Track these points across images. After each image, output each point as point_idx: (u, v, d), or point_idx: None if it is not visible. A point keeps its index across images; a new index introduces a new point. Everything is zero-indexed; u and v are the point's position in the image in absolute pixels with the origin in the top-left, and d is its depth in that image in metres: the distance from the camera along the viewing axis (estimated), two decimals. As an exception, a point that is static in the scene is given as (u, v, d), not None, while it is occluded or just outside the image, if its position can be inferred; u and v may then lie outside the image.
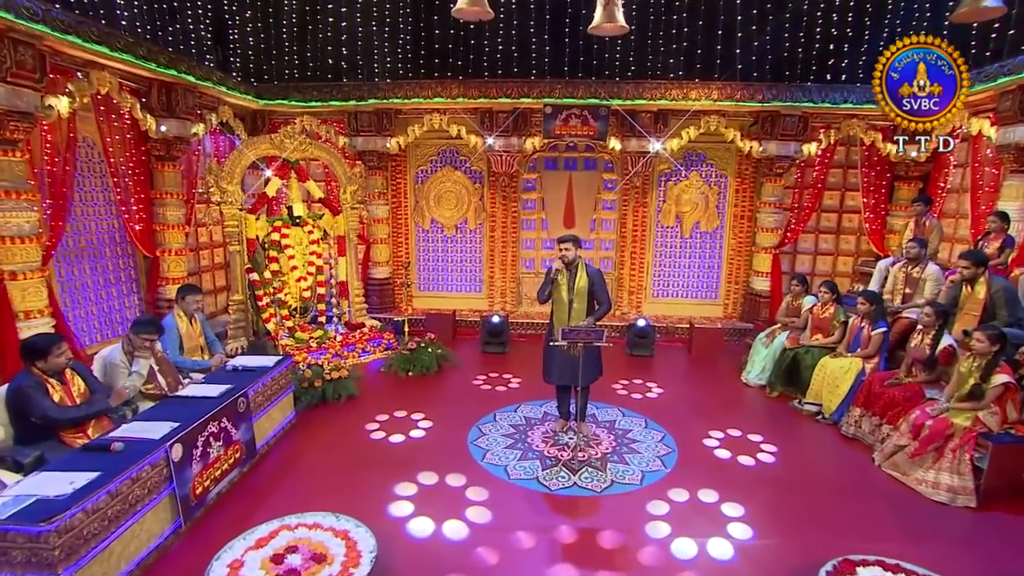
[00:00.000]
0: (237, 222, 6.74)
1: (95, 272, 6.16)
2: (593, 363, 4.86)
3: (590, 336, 4.34)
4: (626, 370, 7.07)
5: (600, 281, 4.81)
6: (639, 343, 7.74)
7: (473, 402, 5.91)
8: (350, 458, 4.72)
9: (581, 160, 8.75)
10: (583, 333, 4.34)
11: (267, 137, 6.98)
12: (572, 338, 4.38)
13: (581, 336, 4.33)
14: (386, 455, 4.78)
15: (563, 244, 4.69)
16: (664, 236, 8.93)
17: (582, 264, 4.82)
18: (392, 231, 9.06)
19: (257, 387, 4.65)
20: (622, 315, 8.93)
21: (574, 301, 4.74)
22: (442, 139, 8.67)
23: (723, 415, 5.68)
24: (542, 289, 4.82)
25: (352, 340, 7.46)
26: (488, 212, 8.91)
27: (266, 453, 4.74)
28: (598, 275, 4.84)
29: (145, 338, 4.13)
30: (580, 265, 4.79)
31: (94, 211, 6.16)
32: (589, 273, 4.79)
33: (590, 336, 4.34)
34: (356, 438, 5.08)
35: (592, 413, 5.62)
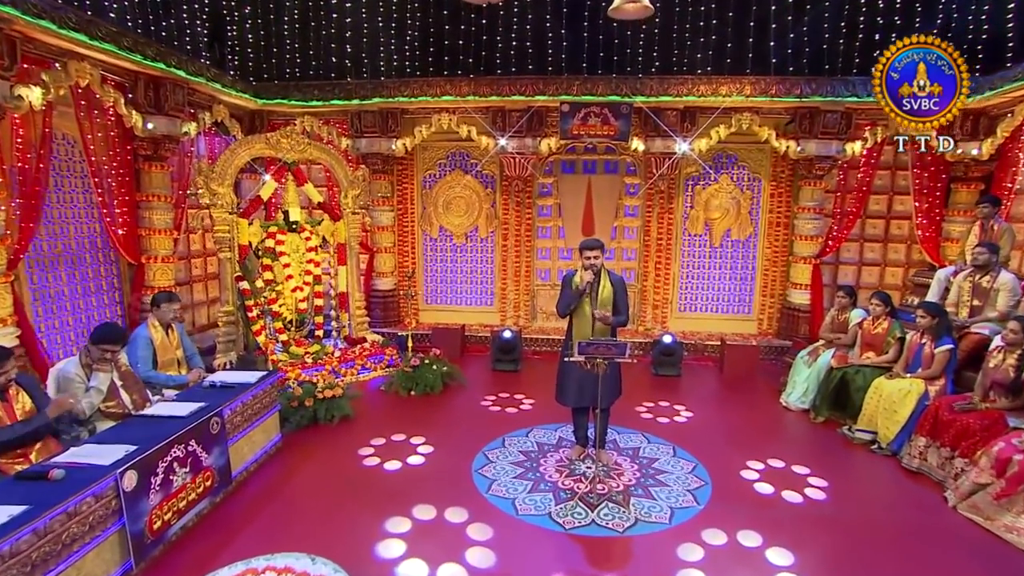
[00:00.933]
0: (228, 227, 6.45)
1: (72, 279, 5.88)
2: (613, 381, 4.47)
3: (611, 351, 3.89)
4: (651, 391, 6.62)
5: (622, 289, 4.46)
6: (665, 362, 7.27)
7: (480, 425, 5.52)
8: (338, 487, 4.34)
9: (601, 163, 8.39)
10: (603, 347, 3.90)
11: (262, 136, 6.72)
12: (591, 353, 3.94)
13: (601, 351, 3.89)
14: (379, 484, 4.40)
15: (591, 252, 4.32)
16: (692, 245, 8.49)
17: (604, 272, 4.45)
18: (397, 239, 8.75)
19: (235, 406, 4.29)
20: (646, 331, 8.47)
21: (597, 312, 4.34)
22: (451, 141, 8.38)
23: (762, 443, 5.17)
24: (563, 302, 4.44)
25: (351, 356, 7.11)
26: (500, 219, 8.56)
27: (244, 480, 4.37)
28: (621, 283, 4.48)
29: (105, 349, 3.78)
30: (603, 273, 4.44)
31: (73, 213, 5.90)
32: (612, 281, 4.43)
33: (611, 351, 3.89)
34: (347, 464, 4.72)
35: (613, 439, 5.18)
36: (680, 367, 7.29)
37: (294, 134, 6.90)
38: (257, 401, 4.62)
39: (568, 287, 4.48)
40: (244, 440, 4.42)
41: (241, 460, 4.36)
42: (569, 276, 4.54)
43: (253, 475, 4.47)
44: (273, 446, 4.86)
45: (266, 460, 4.70)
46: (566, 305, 4.45)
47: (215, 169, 6.33)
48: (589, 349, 3.90)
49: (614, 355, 3.91)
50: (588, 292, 4.35)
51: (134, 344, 4.53)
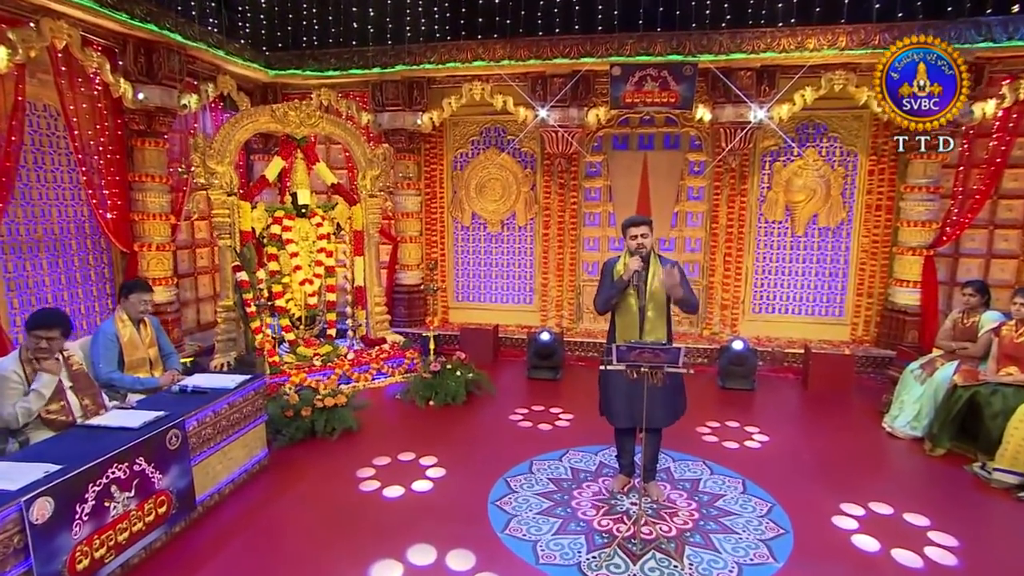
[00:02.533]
0: (228, 211, 6.08)
1: (55, 268, 5.65)
2: (672, 396, 3.82)
3: (659, 357, 3.19)
4: (717, 408, 5.88)
5: (679, 272, 3.81)
6: (735, 373, 6.46)
7: (505, 445, 4.96)
8: (326, 517, 3.87)
9: (660, 137, 7.67)
10: (649, 353, 3.20)
11: (267, 108, 6.33)
12: (633, 360, 3.26)
13: (646, 357, 3.20)
14: (374, 515, 3.90)
15: (637, 229, 3.75)
16: (769, 234, 7.65)
17: (655, 257, 3.82)
18: (424, 227, 8.30)
19: (204, 416, 3.84)
20: (712, 336, 7.66)
21: (647, 308, 3.74)
22: (485, 114, 7.88)
23: (861, 479, 4.35)
24: (603, 295, 3.86)
25: (366, 359, 6.65)
26: (541, 204, 7.98)
27: (214, 506, 3.93)
28: (675, 265, 3.84)
29: (39, 336, 3.37)
30: (653, 258, 3.81)
31: (56, 194, 5.67)
32: (664, 267, 3.78)
33: (659, 357, 3.19)
34: (341, 488, 4.25)
35: (666, 467, 4.49)
36: (753, 379, 6.48)
37: (303, 106, 6.48)
38: (235, 410, 4.17)
39: (609, 277, 3.86)
40: (217, 457, 3.98)
41: (212, 481, 3.92)
42: (611, 264, 3.92)
43: (227, 499, 4.04)
44: (256, 463, 4.42)
45: (246, 480, 4.27)
46: (606, 300, 3.85)
47: (213, 145, 5.97)
48: (630, 355, 3.22)
49: (662, 363, 3.21)
50: (635, 282, 3.68)
51: (95, 341, 4.17)
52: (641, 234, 3.73)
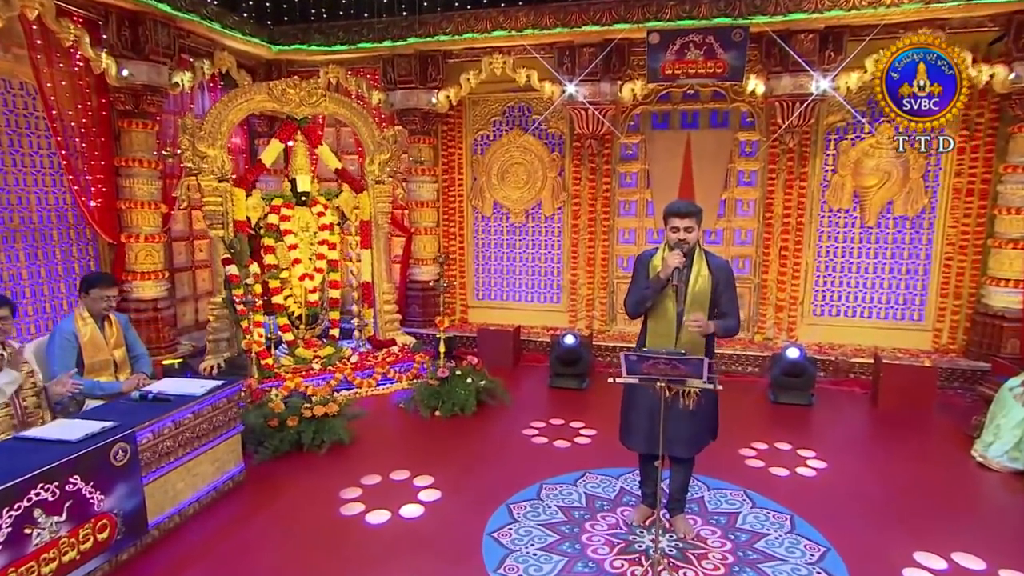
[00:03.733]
0: (220, 199, 5.88)
1: (34, 260, 5.56)
2: (701, 420, 3.41)
3: (679, 370, 2.75)
4: (766, 426, 5.38)
5: (728, 279, 3.40)
6: (789, 385, 5.92)
7: (513, 464, 4.62)
8: (296, 545, 3.59)
9: (705, 114, 7.20)
10: (666, 364, 2.77)
11: (264, 86, 6.13)
12: (647, 373, 2.83)
13: (662, 369, 2.77)
14: (352, 545, 3.60)
15: (681, 221, 3.30)
16: (834, 224, 7.09)
17: (700, 252, 3.38)
18: (442, 218, 8.01)
19: (161, 427, 3.59)
20: (765, 341, 7.11)
21: (687, 314, 3.32)
22: (507, 91, 7.59)
23: (943, 523, 3.80)
24: (635, 295, 3.44)
25: (371, 363, 6.40)
26: (570, 192, 7.61)
27: (173, 529, 3.69)
28: (725, 270, 3.41)
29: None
30: (698, 254, 3.37)
31: (35, 180, 5.59)
32: (712, 267, 3.36)
33: (679, 370, 2.75)
34: (321, 511, 3.97)
35: (699, 496, 4.05)
36: (811, 393, 5.93)
37: (304, 84, 6.25)
38: (202, 420, 3.92)
39: (643, 273, 3.44)
40: (178, 473, 3.73)
41: (171, 501, 3.68)
42: (646, 257, 3.49)
43: (189, 521, 3.79)
44: (229, 480, 4.18)
45: (215, 500, 4.02)
46: (637, 302, 3.43)
47: (203, 126, 5.79)
48: (642, 366, 2.78)
49: (682, 376, 2.76)
50: (675, 282, 3.25)
51: (52, 340, 3.99)
52: (685, 227, 3.28)
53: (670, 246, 3.32)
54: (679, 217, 3.28)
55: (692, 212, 3.30)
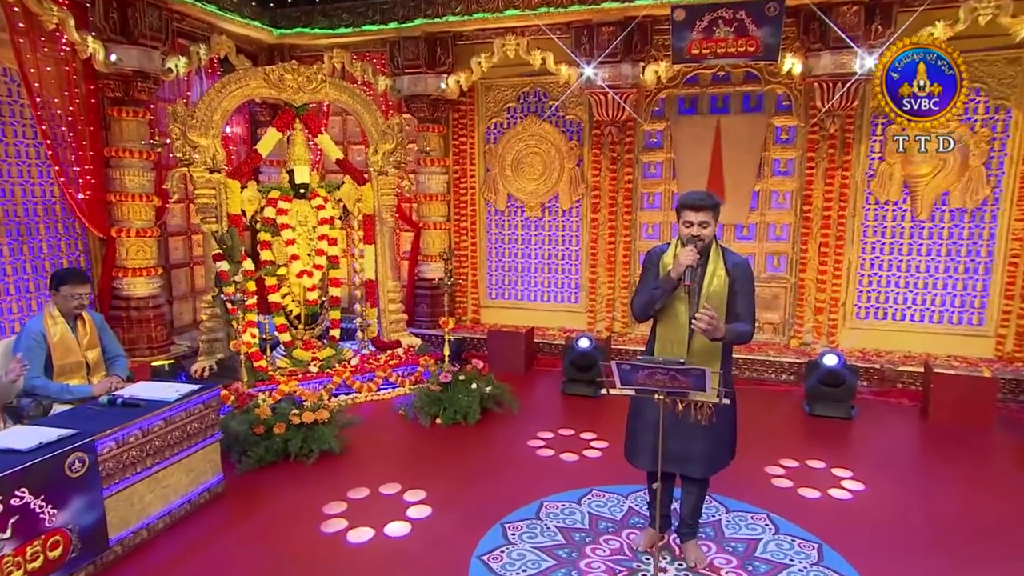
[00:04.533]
0: (213, 191, 5.79)
1: (18, 255, 5.55)
2: (718, 437, 3.19)
3: (677, 381, 2.51)
4: (798, 441, 5.13)
5: (746, 280, 3.15)
6: (826, 395, 5.62)
7: (514, 478, 4.46)
8: (270, 565, 3.45)
9: (737, 97, 6.91)
10: (663, 375, 2.53)
11: (259, 71, 6.02)
12: (643, 384, 2.60)
13: (658, 380, 2.53)
14: (329, 565, 3.47)
15: (695, 215, 3.07)
16: (881, 218, 6.74)
17: (716, 249, 3.15)
18: (453, 212, 7.87)
19: (128, 434, 3.47)
20: (802, 347, 6.79)
21: None
22: (522, 76, 7.43)
23: (1005, 560, 3.49)
24: (642, 296, 3.21)
25: (372, 366, 6.25)
26: (589, 183, 7.41)
27: (139, 545, 3.57)
28: (744, 269, 3.17)
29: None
30: (714, 251, 3.14)
31: (21, 171, 5.58)
32: (728, 266, 3.13)
33: (677, 381, 2.51)
34: (300, 527, 3.83)
35: (715, 519, 3.82)
36: (851, 405, 5.62)
37: (302, 69, 6.13)
38: (174, 427, 3.80)
39: (653, 271, 3.22)
40: (146, 484, 3.62)
41: (137, 515, 3.56)
42: (656, 254, 3.27)
43: (159, 536, 3.68)
44: (205, 492, 4.06)
45: (188, 513, 3.91)
46: (645, 304, 3.18)
47: (195, 114, 5.69)
48: (638, 376, 2.55)
49: (682, 389, 2.52)
50: (687, 282, 3.01)
51: (18, 341, 3.90)
52: (700, 221, 3.04)
53: (683, 242, 3.09)
54: (693, 210, 3.04)
55: (708, 205, 3.05)
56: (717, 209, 3.07)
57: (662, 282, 3.09)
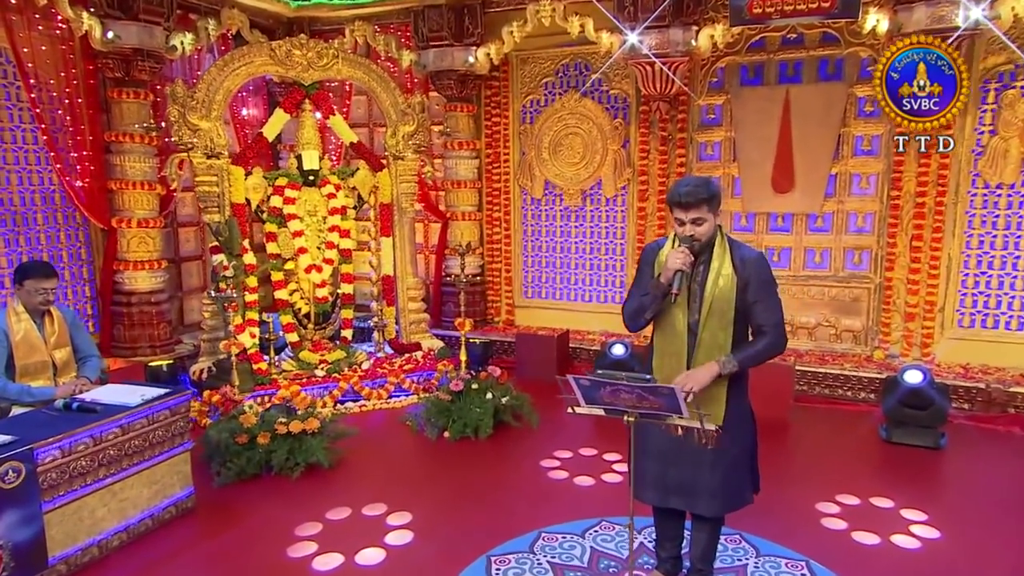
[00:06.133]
0: (215, 178, 5.83)
1: (14, 247, 5.73)
2: (732, 468, 2.91)
3: (646, 401, 2.24)
4: (863, 473, 4.72)
5: (762, 279, 2.86)
6: (909, 419, 5.17)
7: (516, 503, 4.33)
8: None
9: (811, 63, 6.49)
10: (627, 391, 2.27)
11: (266, 47, 6.03)
12: (609, 404, 2.35)
13: (623, 398, 2.28)
14: None
15: (686, 211, 2.81)
16: (991, 205, 6.19)
17: (722, 242, 2.88)
18: (484, 201, 7.74)
19: (76, 441, 3.47)
20: (887, 359, 6.30)
21: (702, 327, 2.85)
22: (561, 46, 7.21)
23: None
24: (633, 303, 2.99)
25: (385, 371, 6.16)
26: (636, 168, 7.14)
27: (88, 564, 3.57)
28: (757, 265, 2.87)
29: None
30: (719, 245, 2.87)
31: (18, 158, 5.75)
32: (736, 262, 2.85)
33: (646, 401, 2.24)
34: (268, 549, 3.78)
35: (742, 563, 3.50)
36: (941, 432, 5.13)
37: (312, 43, 6.11)
38: (134, 435, 3.80)
39: (647, 272, 2.99)
40: (98, 497, 3.62)
41: (87, 531, 3.57)
42: (650, 251, 3.05)
43: (112, 554, 3.68)
44: (171, 506, 4.06)
45: (149, 530, 3.91)
46: (634, 311, 2.97)
47: (195, 95, 5.74)
48: (600, 394, 2.29)
49: (653, 411, 2.24)
50: (675, 290, 2.74)
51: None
52: (692, 219, 2.77)
53: (679, 240, 2.81)
54: (683, 208, 2.76)
55: (700, 199, 2.74)
56: (714, 200, 2.76)
57: (651, 288, 2.83)
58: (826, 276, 6.67)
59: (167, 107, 6.00)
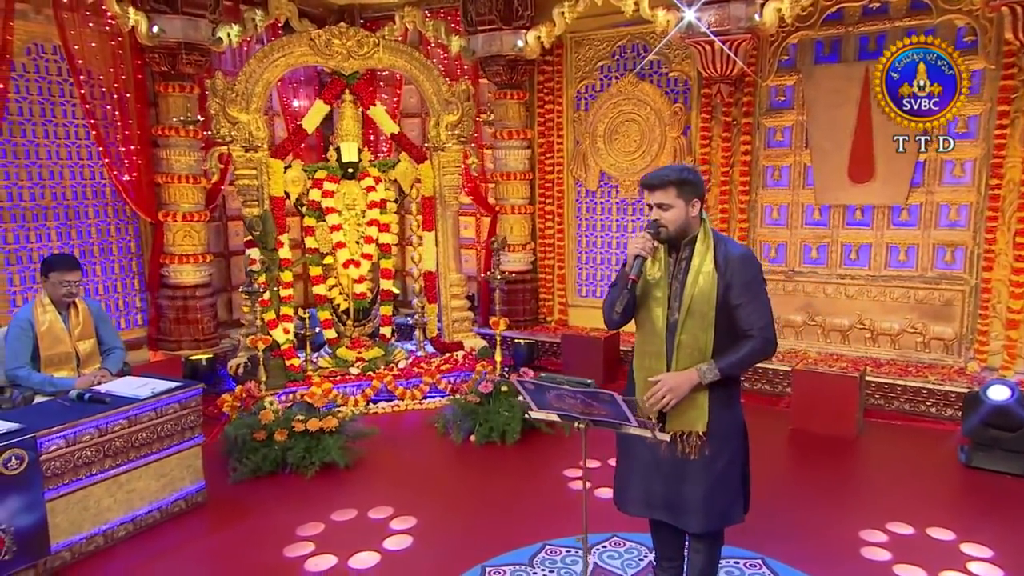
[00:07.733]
0: (254, 171, 6.12)
1: (66, 239, 6.17)
2: (720, 479, 2.85)
3: (590, 407, 2.23)
4: (926, 499, 4.45)
5: (748, 278, 2.79)
6: (994, 442, 4.80)
7: (525, 513, 4.36)
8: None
9: (895, 36, 6.11)
10: (569, 395, 2.26)
11: (304, 36, 6.26)
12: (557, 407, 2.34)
13: (569, 403, 2.28)
14: None
15: (652, 193, 2.79)
16: (1110, 195, 5.67)
17: (705, 238, 2.81)
18: (537, 194, 7.75)
19: (81, 431, 3.75)
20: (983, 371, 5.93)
21: (681, 326, 2.79)
22: (616, 27, 7.12)
23: None
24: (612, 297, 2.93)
25: (420, 370, 6.29)
26: (698, 157, 6.95)
27: (91, 553, 3.85)
28: (742, 262, 2.80)
29: None
30: (701, 241, 2.81)
31: (70, 153, 6.19)
32: (718, 259, 2.78)
33: (590, 407, 2.23)
34: (264, 550, 3.95)
35: None
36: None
37: (352, 32, 6.31)
38: (142, 427, 4.06)
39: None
40: (104, 487, 3.90)
41: (92, 520, 3.84)
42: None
43: (118, 544, 3.94)
44: (181, 500, 4.31)
45: (157, 522, 4.17)
46: (607, 305, 2.92)
47: (235, 87, 6.04)
48: (546, 397, 2.30)
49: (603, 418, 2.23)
50: (632, 275, 2.71)
51: (8, 330, 4.33)
52: (657, 203, 2.73)
53: (648, 229, 2.76)
54: (648, 189, 2.74)
55: (666, 182, 2.70)
56: (685, 186, 2.68)
57: (619, 277, 2.79)
58: (912, 276, 6.29)
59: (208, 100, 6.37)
